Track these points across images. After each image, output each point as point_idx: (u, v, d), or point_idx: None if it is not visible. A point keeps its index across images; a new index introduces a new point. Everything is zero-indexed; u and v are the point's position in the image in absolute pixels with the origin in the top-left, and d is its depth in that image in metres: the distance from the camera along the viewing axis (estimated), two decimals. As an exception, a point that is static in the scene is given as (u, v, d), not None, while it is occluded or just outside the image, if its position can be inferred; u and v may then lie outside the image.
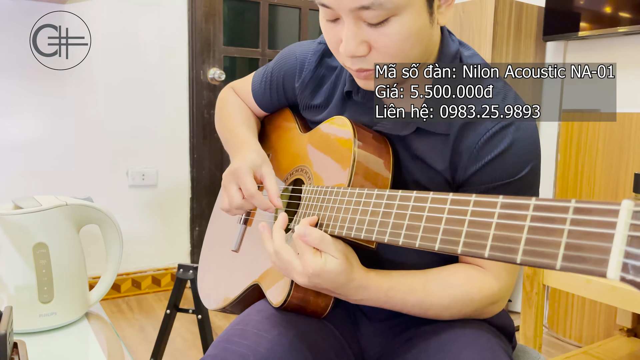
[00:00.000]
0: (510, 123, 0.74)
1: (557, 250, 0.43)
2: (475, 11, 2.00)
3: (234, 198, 0.84)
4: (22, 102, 2.26)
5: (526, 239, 0.46)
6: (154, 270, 2.60)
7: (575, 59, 2.06)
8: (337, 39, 0.72)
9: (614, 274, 0.39)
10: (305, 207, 0.80)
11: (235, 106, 1.04)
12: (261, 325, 0.76)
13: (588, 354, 1.76)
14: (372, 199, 0.65)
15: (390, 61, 0.71)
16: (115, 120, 2.44)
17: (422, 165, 0.80)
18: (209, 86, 2.62)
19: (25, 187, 2.28)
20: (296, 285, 0.75)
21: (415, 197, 0.58)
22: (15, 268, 0.97)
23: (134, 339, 2.09)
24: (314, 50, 0.91)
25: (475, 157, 0.75)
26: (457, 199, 0.54)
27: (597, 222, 0.41)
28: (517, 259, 0.46)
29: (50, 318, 0.99)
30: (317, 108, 0.91)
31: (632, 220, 0.39)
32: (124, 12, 2.40)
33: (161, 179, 2.57)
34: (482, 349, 0.73)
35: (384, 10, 0.66)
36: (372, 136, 0.80)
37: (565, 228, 0.43)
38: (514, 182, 0.75)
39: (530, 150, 0.76)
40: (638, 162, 1.85)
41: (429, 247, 0.55)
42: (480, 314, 0.79)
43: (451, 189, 0.80)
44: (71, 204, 1.03)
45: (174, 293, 1.59)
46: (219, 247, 1.04)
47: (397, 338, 0.85)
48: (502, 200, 0.49)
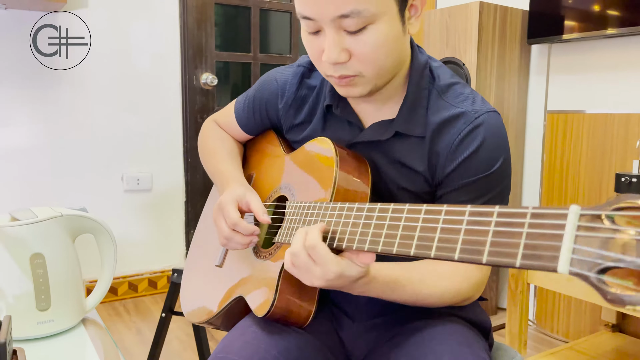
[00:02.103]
0: (480, 124, 0.81)
1: (516, 250, 0.48)
2: (460, 16, 2.04)
3: (223, 230, 0.88)
4: (17, 109, 2.29)
5: (490, 242, 0.51)
6: (150, 273, 2.64)
7: (559, 62, 2.10)
8: (319, 50, 0.78)
9: (564, 269, 0.44)
10: (289, 221, 0.84)
11: (217, 140, 1.09)
12: (242, 352, 0.79)
13: (573, 349, 1.81)
14: (352, 211, 0.69)
15: (369, 67, 0.77)
16: (110, 126, 2.47)
17: (402, 168, 0.86)
18: (202, 91, 2.66)
19: (21, 193, 2.31)
20: (279, 297, 0.80)
21: (392, 209, 0.63)
22: (13, 277, 1.01)
23: (131, 341, 2.13)
24: (294, 73, 0.96)
25: (452, 157, 0.82)
26: (430, 209, 0.58)
27: (550, 225, 0.46)
28: (483, 259, 0.51)
29: (48, 325, 1.03)
30: (300, 125, 0.96)
31: (578, 222, 0.44)
32: (116, 19, 2.43)
33: (156, 183, 2.61)
34: (459, 345, 0.79)
35: (362, 18, 0.73)
36: (352, 156, 0.85)
37: (523, 231, 0.48)
38: (488, 175, 0.82)
39: (500, 147, 0.83)
40: (620, 162, 1.90)
41: (405, 252, 0.59)
42: (466, 300, 0.85)
43: (431, 188, 0.86)
44: (66, 215, 1.07)
45: (169, 297, 1.63)
46: (202, 262, 1.08)
47: (381, 337, 0.89)
48: (470, 209, 0.54)
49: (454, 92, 0.85)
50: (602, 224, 0.41)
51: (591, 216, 0.43)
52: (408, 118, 0.84)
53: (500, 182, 0.83)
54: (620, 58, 1.91)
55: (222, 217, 0.89)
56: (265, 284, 0.83)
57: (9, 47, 2.22)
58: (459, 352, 0.77)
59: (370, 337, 0.90)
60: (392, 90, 0.85)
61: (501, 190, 0.84)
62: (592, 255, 0.41)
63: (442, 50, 2.12)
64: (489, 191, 0.83)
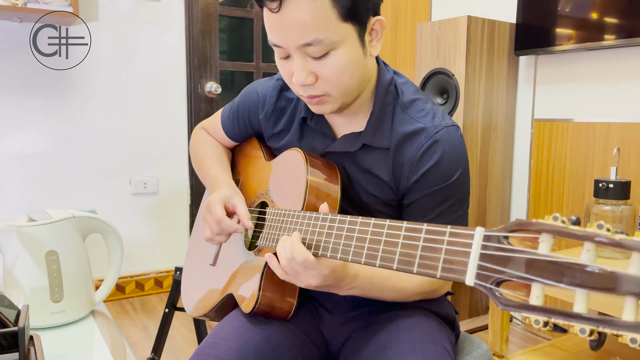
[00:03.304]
0: (438, 139, 0.90)
1: (437, 264, 0.58)
2: (449, 29, 2.14)
3: (211, 226, 0.98)
4: (30, 118, 2.42)
5: (420, 255, 0.61)
6: (156, 273, 2.76)
7: (546, 72, 2.20)
8: (290, 72, 0.87)
9: (470, 281, 0.54)
10: (269, 227, 0.94)
11: (207, 146, 1.18)
12: (230, 337, 0.90)
13: (555, 346, 1.90)
14: (319, 221, 0.79)
15: (334, 87, 0.86)
16: (118, 132, 2.60)
17: (370, 176, 0.95)
18: (206, 99, 2.78)
19: (36, 195, 2.44)
20: (262, 294, 0.90)
21: (360, 222, 0.72)
22: (30, 272, 1.12)
23: (137, 336, 2.25)
24: (273, 86, 1.05)
25: (414, 169, 0.91)
26: (392, 225, 0.67)
27: (462, 243, 0.56)
28: (414, 270, 0.62)
29: (61, 315, 1.15)
30: (279, 134, 1.06)
31: (482, 242, 0.53)
32: (125, 31, 2.56)
33: (162, 186, 2.73)
34: (422, 333, 0.89)
35: (324, 46, 0.82)
36: (322, 164, 0.94)
37: (443, 247, 0.58)
38: (448, 185, 0.91)
39: (458, 159, 0.92)
40: (600, 168, 1.99)
41: (371, 264, 0.68)
42: (437, 289, 0.95)
43: (395, 195, 0.95)
44: (78, 216, 1.19)
45: (172, 293, 1.74)
46: (198, 261, 1.18)
47: (356, 328, 0.99)
48: (406, 225, 0.64)
49: (416, 107, 0.93)
50: (501, 244, 0.51)
51: (492, 237, 0.52)
52: (374, 131, 0.92)
53: (459, 190, 0.93)
54: (601, 69, 2.00)
55: (209, 214, 0.98)
56: (250, 284, 0.94)
57: (24, 59, 2.35)
58: (421, 339, 0.87)
59: (346, 328, 1.00)
60: (360, 105, 0.94)
61: (460, 197, 0.94)
62: (490, 270, 0.51)
63: (433, 61, 2.22)
64: (449, 198, 0.92)
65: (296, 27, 0.80)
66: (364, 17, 0.84)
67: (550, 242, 0.47)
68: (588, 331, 0.41)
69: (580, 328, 0.41)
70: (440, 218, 0.92)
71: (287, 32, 0.82)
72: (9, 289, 1.13)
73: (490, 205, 2.31)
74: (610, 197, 1.70)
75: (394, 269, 0.64)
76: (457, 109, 2.13)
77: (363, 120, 0.95)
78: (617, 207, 1.70)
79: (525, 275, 0.47)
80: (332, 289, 0.84)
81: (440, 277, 0.58)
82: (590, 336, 0.41)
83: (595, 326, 0.41)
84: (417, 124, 0.91)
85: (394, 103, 0.94)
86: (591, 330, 0.41)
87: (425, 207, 0.92)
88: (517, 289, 0.48)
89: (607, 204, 1.71)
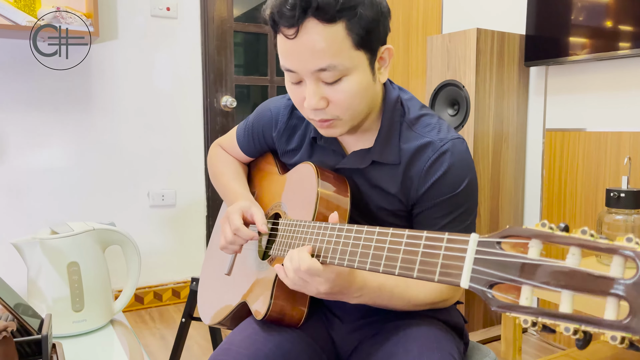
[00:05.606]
0: (445, 151, 0.93)
1: (435, 269, 0.61)
2: (459, 41, 2.17)
3: (227, 235, 1.01)
4: (52, 133, 2.50)
5: (420, 260, 0.64)
6: (174, 283, 2.81)
7: (556, 83, 2.21)
8: (302, 97, 0.91)
9: (465, 284, 0.57)
10: (281, 237, 0.97)
11: (224, 162, 1.23)
12: (242, 343, 0.93)
13: (570, 356, 1.89)
14: (327, 230, 0.82)
15: (344, 112, 0.90)
16: (137, 146, 2.67)
17: (380, 191, 0.98)
18: (222, 112, 2.84)
19: (58, 208, 2.52)
20: (274, 302, 0.94)
21: (365, 231, 0.75)
22: (52, 283, 1.17)
23: (155, 346, 2.29)
24: (285, 105, 1.10)
25: (423, 181, 0.94)
26: (395, 232, 0.70)
27: (458, 249, 0.59)
28: (414, 275, 0.64)
29: (82, 324, 1.19)
30: (292, 151, 1.10)
31: (477, 247, 0.56)
32: (143, 48, 2.64)
33: (179, 199, 2.78)
34: (429, 342, 0.91)
35: (337, 71, 0.85)
36: (332, 177, 0.98)
37: (440, 253, 0.61)
38: (456, 195, 0.93)
39: (465, 169, 0.94)
40: (612, 178, 1.99)
41: (375, 270, 0.71)
42: (447, 300, 0.97)
43: (404, 207, 0.98)
44: (98, 229, 1.24)
45: (189, 303, 1.78)
46: (214, 271, 1.21)
47: (365, 335, 1.02)
48: (408, 233, 0.67)
49: (422, 123, 0.97)
50: (494, 249, 0.54)
51: (486, 242, 0.55)
52: (383, 148, 0.96)
53: (467, 200, 0.96)
54: (612, 79, 2.01)
55: (227, 224, 1.02)
56: (263, 292, 0.98)
57: (47, 76, 2.44)
58: (428, 347, 0.89)
59: (356, 335, 1.03)
60: (368, 124, 0.98)
61: (468, 207, 0.96)
62: (484, 274, 0.54)
63: (443, 73, 2.25)
64: (458, 208, 0.95)
65: (311, 53, 0.84)
66: (375, 45, 0.88)
67: (539, 247, 0.49)
68: (572, 330, 0.44)
69: (565, 327, 0.44)
70: (448, 227, 0.95)
71: (302, 58, 0.85)
72: (32, 299, 1.18)
73: (503, 215, 2.32)
74: (622, 206, 1.70)
75: (395, 274, 0.67)
76: (468, 120, 2.16)
77: (371, 137, 0.99)
78: (629, 216, 1.70)
79: (515, 278, 0.50)
80: (341, 296, 0.86)
81: (438, 281, 0.61)
82: (575, 335, 0.44)
83: (579, 325, 0.43)
84: (424, 139, 0.95)
85: (400, 120, 0.97)
86: (575, 329, 0.44)
87: (434, 216, 0.95)
88: (509, 292, 0.51)
89: (619, 213, 1.71)
